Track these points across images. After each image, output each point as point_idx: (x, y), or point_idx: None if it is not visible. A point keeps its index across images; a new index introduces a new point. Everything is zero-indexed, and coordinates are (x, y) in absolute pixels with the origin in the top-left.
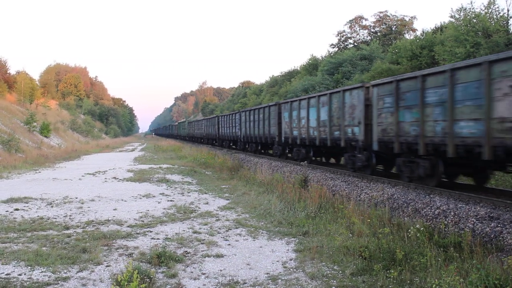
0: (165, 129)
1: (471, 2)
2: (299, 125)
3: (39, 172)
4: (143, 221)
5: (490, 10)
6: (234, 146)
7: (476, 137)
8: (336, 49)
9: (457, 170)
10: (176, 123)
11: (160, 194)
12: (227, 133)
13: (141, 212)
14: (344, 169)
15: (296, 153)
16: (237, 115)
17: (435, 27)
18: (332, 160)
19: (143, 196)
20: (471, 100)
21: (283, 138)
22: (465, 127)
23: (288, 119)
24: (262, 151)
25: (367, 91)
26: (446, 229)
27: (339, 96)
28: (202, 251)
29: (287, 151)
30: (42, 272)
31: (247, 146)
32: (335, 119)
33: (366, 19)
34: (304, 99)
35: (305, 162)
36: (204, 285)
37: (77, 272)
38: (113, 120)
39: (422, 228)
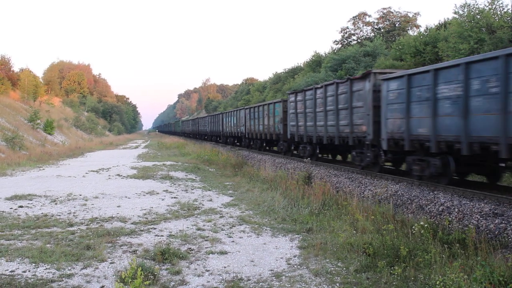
0: (166, 126)
1: None
2: (228, 126)
3: (43, 169)
4: (147, 218)
5: (494, 6)
6: (206, 138)
7: (260, 131)
8: (339, 45)
9: (269, 145)
10: (173, 122)
11: (164, 191)
12: (203, 130)
13: (145, 209)
14: (350, 166)
15: (229, 141)
16: (207, 118)
17: (439, 23)
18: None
19: (147, 193)
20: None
21: (224, 133)
22: (262, 126)
23: (225, 122)
24: (220, 141)
25: (245, 111)
26: (450, 226)
27: (238, 112)
28: (206, 248)
29: (228, 140)
30: (46, 269)
31: (212, 138)
32: (238, 123)
33: (369, 16)
34: (229, 112)
35: (308, 159)
36: (208, 281)
37: (81, 269)
38: (117, 117)
39: (426, 225)
